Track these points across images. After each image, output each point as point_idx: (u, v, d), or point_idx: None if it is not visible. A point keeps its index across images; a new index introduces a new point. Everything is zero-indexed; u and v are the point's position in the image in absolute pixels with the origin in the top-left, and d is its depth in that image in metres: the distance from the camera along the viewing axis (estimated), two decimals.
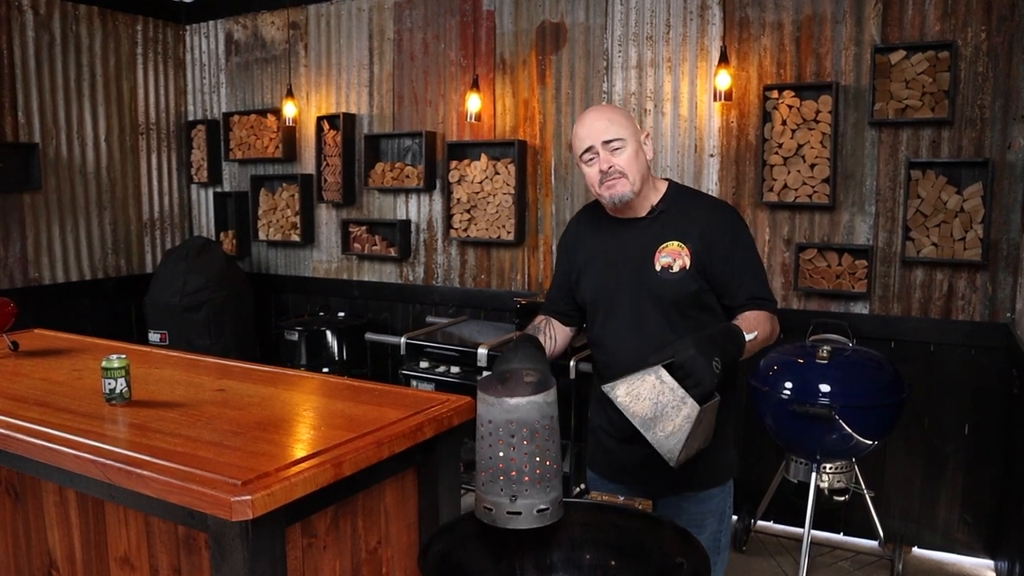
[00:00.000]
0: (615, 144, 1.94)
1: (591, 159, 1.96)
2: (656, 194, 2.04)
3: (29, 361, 2.53)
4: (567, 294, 2.18)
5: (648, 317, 2.00)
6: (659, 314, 1.98)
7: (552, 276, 2.28)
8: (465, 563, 1.69)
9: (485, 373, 3.53)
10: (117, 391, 2.01)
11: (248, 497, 1.43)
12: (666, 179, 2.11)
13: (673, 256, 1.97)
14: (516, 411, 1.50)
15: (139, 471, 1.57)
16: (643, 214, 2.02)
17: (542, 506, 1.54)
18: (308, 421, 1.95)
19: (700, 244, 1.96)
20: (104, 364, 2.01)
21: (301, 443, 1.75)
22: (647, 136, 2.03)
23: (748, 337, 1.81)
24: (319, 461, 1.61)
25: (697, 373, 1.65)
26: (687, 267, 1.96)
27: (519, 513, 1.53)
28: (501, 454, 1.51)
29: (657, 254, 1.98)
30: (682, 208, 2.01)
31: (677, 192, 2.06)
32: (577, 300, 2.16)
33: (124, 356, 2.04)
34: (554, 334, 2.16)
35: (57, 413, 1.94)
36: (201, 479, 1.51)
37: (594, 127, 1.96)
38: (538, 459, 1.51)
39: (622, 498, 1.80)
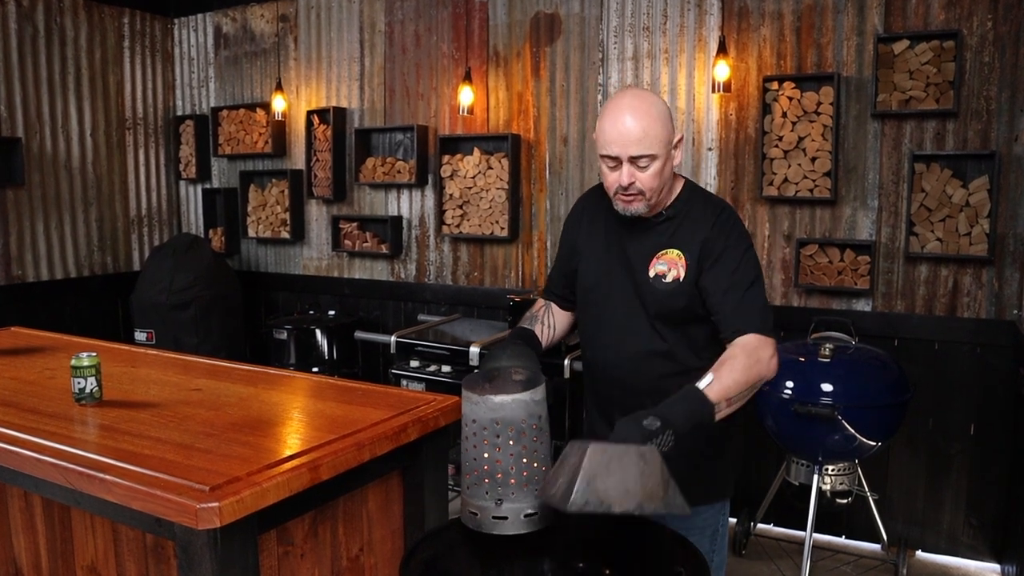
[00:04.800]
0: (643, 161, 1.76)
1: (613, 166, 1.80)
2: (670, 196, 1.89)
3: (1, 360, 2.43)
4: (568, 278, 2.07)
5: (637, 322, 1.89)
6: (647, 322, 1.88)
7: (556, 257, 2.16)
8: (451, 571, 1.61)
9: (474, 373, 3.44)
10: (87, 391, 1.92)
11: (215, 504, 1.34)
12: (683, 177, 1.95)
13: (669, 265, 1.85)
14: (501, 410, 1.41)
15: (102, 476, 1.48)
16: (649, 215, 1.89)
17: (529, 511, 1.45)
18: (286, 422, 1.85)
19: (699, 255, 1.82)
20: (73, 362, 1.92)
21: (277, 445, 1.65)
22: (679, 141, 1.85)
23: (717, 405, 1.57)
24: (294, 465, 1.51)
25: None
26: (680, 278, 1.83)
27: (505, 518, 1.44)
28: (486, 455, 1.42)
29: (653, 260, 1.86)
30: (691, 215, 1.87)
31: (690, 196, 1.91)
32: (576, 286, 2.05)
33: (94, 354, 1.94)
34: (553, 322, 2.08)
35: (22, 414, 1.85)
36: (166, 484, 1.41)
37: (625, 134, 1.75)
38: (525, 461, 1.42)
39: None
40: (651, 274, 1.86)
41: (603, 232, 1.96)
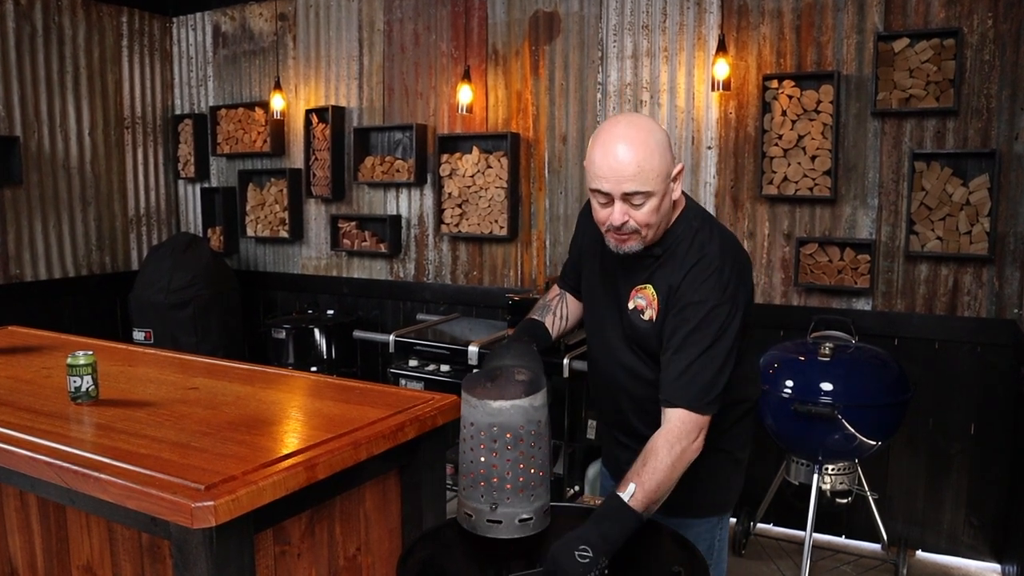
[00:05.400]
0: (637, 199, 1.61)
1: (604, 202, 1.64)
2: (664, 227, 1.72)
3: None
4: (579, 273, 2.01)
5: (622, 346, 1.83)
6: (629, 349, 1.82)
7: (569, 246, 2.10)
8: (449, 570, 1.60)
9: (475, 372, 3.42)
10: (83, 389, 1.91)
11: (211, 503, 1.33)
12: (686, 198, 1.78)
13: (647, 301, 1.74)
14: (499, 415, 1.40)
15: (97, 475, 1.47)
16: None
17: (524, 515, 1.44)
18: (282, 421, 1.84)
19: (667, 301, 1.71)
20: (69, 361, 1.91)
21: (273, 444, 1.64)
22: (679, 172, 1.68)
23: (646, 512, 1.53)
24: (291, 464, 1.50)
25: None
26: (654, 320, 1.73)
27: (499, 522, 1.43)
28: (483, 459, 1.41)
29: (634, 292, 1.77)
30: (676, 254, 1.72)
31: (683, 232, 1.73)
32: (581, 284, 2.01)
33: (91, 352, 1.93)
34: (566, 312, 2.03)
35: (18, 413, 1.84)
36: (162, 483, 1.40)
37: (617, 169, 1.58)
38: (522, 466, 1.41)
39: None
40: (631, 306, 1.78)
41: (600, 245, 1.82)
